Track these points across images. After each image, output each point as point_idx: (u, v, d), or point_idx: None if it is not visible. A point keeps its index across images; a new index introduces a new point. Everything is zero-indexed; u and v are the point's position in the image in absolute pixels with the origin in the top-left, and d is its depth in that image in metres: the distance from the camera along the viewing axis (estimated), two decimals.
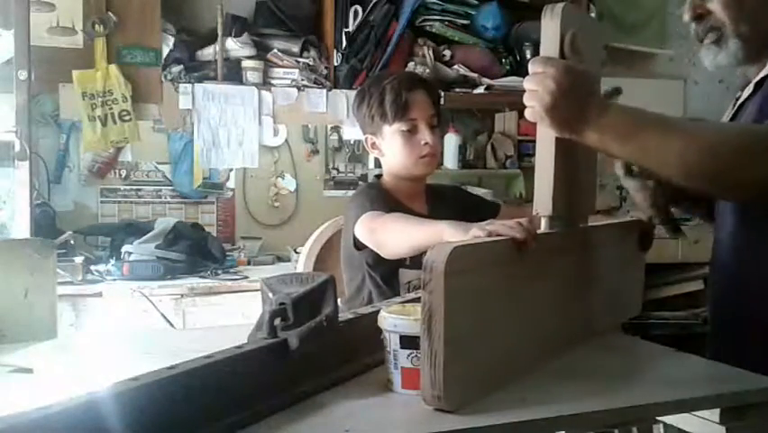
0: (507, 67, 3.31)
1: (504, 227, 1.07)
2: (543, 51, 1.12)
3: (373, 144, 1.75)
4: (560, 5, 1.10)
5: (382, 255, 1.56)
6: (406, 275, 1.68)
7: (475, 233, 1.14)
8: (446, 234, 1.31)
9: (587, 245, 1.28)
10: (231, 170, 3.21)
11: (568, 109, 1.08)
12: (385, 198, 1.69)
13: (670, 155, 1.08)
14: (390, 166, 1.76)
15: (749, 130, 1.20)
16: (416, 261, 1.65)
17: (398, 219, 1.53)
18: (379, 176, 1.86)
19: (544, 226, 1.15)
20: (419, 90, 1.70)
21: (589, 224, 1.31)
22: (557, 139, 1.12)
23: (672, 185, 1.21)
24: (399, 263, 1.66)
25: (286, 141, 3.30)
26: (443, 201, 1.81)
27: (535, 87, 1.08)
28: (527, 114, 1.11)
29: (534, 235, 1.06)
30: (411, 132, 1.69)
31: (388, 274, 1.68)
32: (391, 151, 1.72)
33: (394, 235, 1.49)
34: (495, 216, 1.77)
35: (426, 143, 1.69)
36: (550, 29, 1.11)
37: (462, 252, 0.92)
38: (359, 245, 1.64)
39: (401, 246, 1.49)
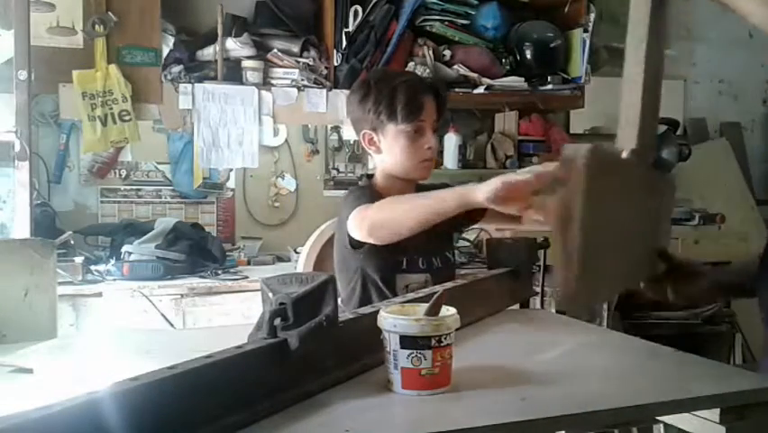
0: (507, 67, 3.29)
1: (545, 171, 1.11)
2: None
3: (371, 140, 1.73)
4: None
5: (379, 242, 1.53)
6: (403, 279, 1.68)
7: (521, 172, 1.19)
8: (457, 193, 1.35)
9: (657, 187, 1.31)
10: (231, 170, 3.21)
11: None
12: (377, 199, 1.66)
13: None
14: (387, 165, 1.75)
15: None
16: (412, 265, 1.66)
17: (392, 200, 1.51)
18: (370, 175, 1.85)
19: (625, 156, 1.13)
20: (430, 95, 1.71)
21: None
22: (645, 73, 1.09)
23: None
24: (396, 268, 1.66)
25: (286, 141, 3.30)
26: None
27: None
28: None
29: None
30: (417, 133, 1.68)
31: (386, 277, 1.67)
32: (392, 150, 1.71)
33: (393, 215, 1.47)
34: (483, 211, 1.77)
35: (429, 148, 1.70)
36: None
37: (600, 150, 0.94)
38: (354, 244, 1.62)
39: (403, 223, 1.45)
